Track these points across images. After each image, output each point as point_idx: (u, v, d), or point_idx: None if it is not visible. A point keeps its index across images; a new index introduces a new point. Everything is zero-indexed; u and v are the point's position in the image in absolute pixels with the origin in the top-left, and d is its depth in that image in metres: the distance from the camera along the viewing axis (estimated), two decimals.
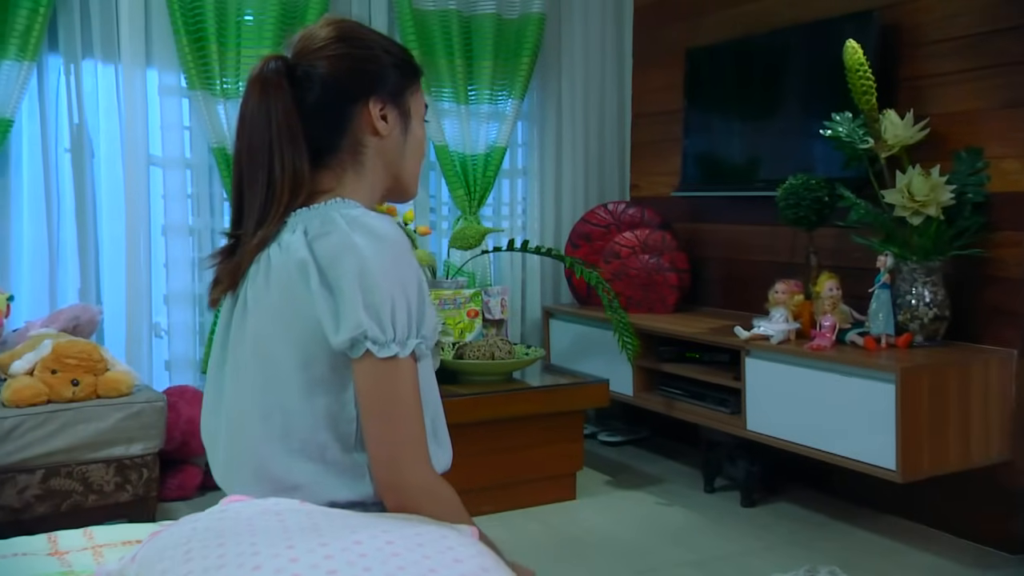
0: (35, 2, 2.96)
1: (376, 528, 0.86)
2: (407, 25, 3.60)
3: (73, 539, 1.22)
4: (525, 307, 4.07)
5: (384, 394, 1.06)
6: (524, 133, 4.08)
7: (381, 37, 1.24)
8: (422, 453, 1.08)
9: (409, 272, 1.08)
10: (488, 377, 3.01)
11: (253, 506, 0.94)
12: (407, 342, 1.07)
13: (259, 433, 1.10)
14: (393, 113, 1.20)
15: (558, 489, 3.08)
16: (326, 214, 1.11)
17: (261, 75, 1.15)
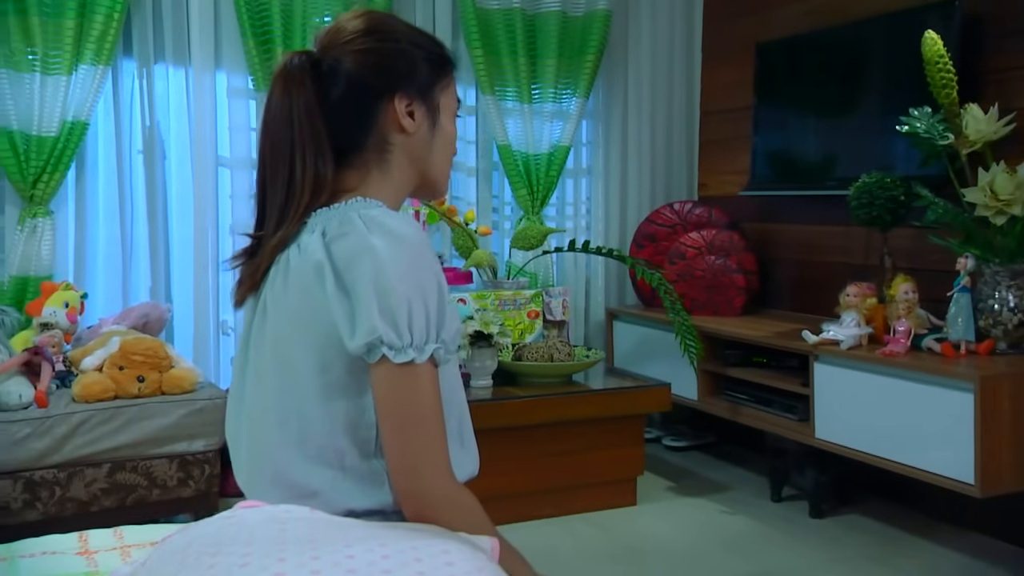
0: (110, 8, 3.04)
1: (374, 541, 0.83)
2: (471, 24, 3.58)
3: (103, 538, 1.23)
4: (589, 308, 4.01)
5: (401, 400, 1.03)
6: (589, 132, 4.03)
7: (412, 30, 1.20)
8: (442, 461, 1.04)
9: (428, 275, 1.05)
10: (547, 379, 2.97)
11: (261, 513, 0.93)
12: (425, 347, 1.03)
13: (276, 438, 1.08)
14: (421, 109, 1.17)
15: (618, 494, 3.02)
16: (345, 214, 1.09)
17: (284, 71, 1.13)
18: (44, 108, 3.00)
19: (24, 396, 2.47)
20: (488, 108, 3.65)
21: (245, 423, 1.13)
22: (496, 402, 2.80)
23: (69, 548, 1.20)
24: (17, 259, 3.01)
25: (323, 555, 0.80)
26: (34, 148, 2.99)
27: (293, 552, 0.80)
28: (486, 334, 2.80)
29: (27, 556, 1.16)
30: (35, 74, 3.00)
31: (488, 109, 3.66)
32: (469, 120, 3.76)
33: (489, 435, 2.77)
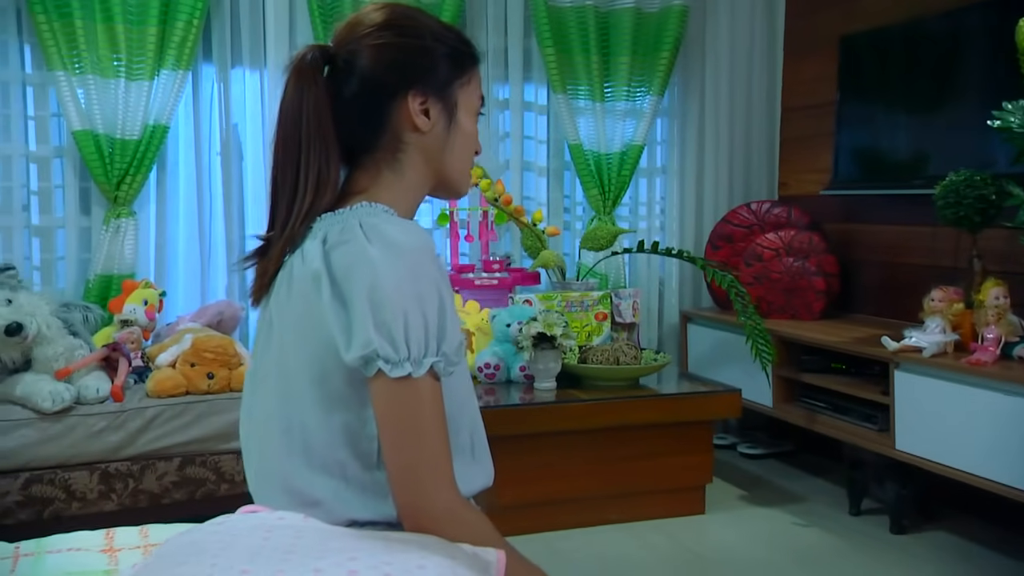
0: (190, 15, 3.13)
1: (345, 555, 0.81)
2: (542, 23, 3.55)
3: (128, 537, 1.25)
4: (663, 311, 3.93)
5: (399, 415, 1.00)
6: (663, 130, 3.94)
7: (435, 23, 1.16)
8: (443, 476, 1.01)
9: (427, 285, 1.01)
10: (612, 382, 2.91)
11: (251, 520, 0.92)
12: (423, 360, 1.00)
13: (281, 447, 1.07)
14: (437, 107, 1.13)
15: (686, 502, 2.95)
16: (346, 221, 1.05)
17: (297, 66, 1.10)
18: (128, 112, 3.11)
19: (101, 390, 2.56)
20: (559, 107, 3.62)
21: (254, 431, 1.12)
22: (559, 404, 2.76)
23: (95, 545, 1.22)
24: (102, 258, 3.13)
25: (289, 569, 0.78)
26: (118, 151, 3.11)
27: (261, 563, 0.79)
28: (549, 336, 2.76)
29: (54, 552, 1.19)
30: (120, 80, 3.11)
31: (559, 108, 3.62)
32: (540, 119, 3.73)
33: (552, 438, 2.76)
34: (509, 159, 3.65)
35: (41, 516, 2.47)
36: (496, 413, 2.71)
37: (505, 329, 2.94)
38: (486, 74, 3.60)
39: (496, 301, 3.22)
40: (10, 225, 3.10)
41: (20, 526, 2.41)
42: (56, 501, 2.49)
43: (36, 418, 2.48)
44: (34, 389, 2.48)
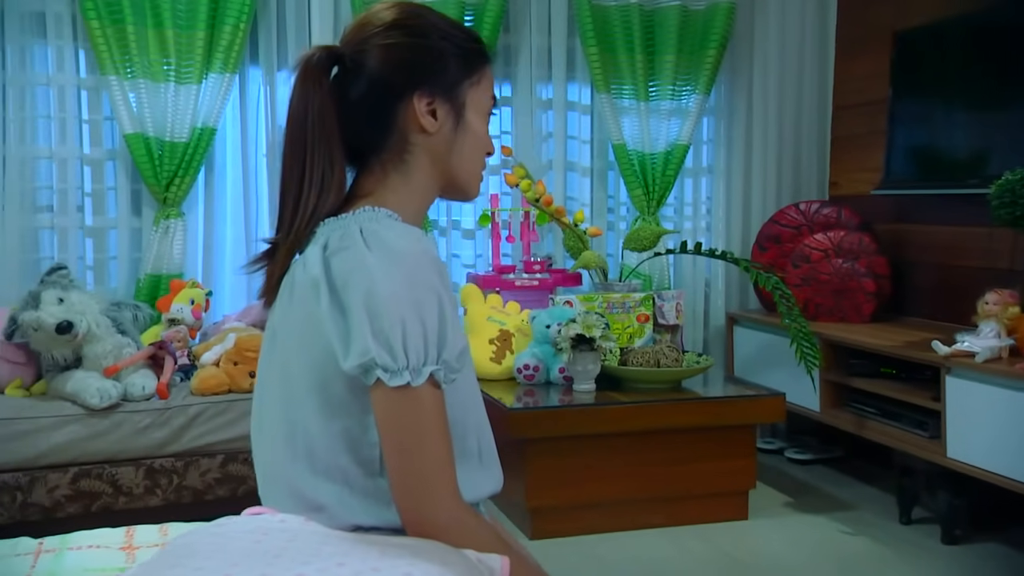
0: (237, 19, 3.19)
1: (332, 560, 0.81)
2: (586, 22, 3.53)
3: (148, 534, 1.27)
4: (708, 313, 3.87)
5: (400, 424, 0.99)
6: (710, 129, 3.89)
7: (446, 22, 1.14)
8: (445, 485, 1.00)
9: (426, 292, 0.99)
10: (653, 385, 2.88)
11: (251, 522, 0.92)
12: (422, 369, 0.98)
13: (286, 452, 1.06)
14: (444, 107, 1.11)
15: (728, 507, 2.90)
16: (347, 227, 1.04)
17: (303, 68, 1.09)
18: (176, 115, 3.18)
19: (147, 388, 2.62)
20: (603, 107, 3.59)
21: (262, 433, 1.12)
22: (598, 407, 2.74)
23: (115, 543, 1.24)
24: (152, 258, 3.20)
25: (274, 573, 0.78)
26: (167, 153, 3.18)
27: (247, 566, 0.79)
28: (588, 337, 2.74)
29: (75, 548, 1.22)
30: (169, 83, 3.18)
31: (603, 108, 3.59)
32: (584, 119, 3.70)
33: (591, 440, 2.74)
34: (552, 159, 3.63)
35: (90, 510, 2.54)
36: (534, 415, 2.70)
37: (545, 330, 2.92)
38: (528, 73, 3.59)
39: (537, 302, 3.21)
40: (65, 226, 3.19)
41: (69, 519, 2.48)
42: (104, 495, 2.55)
43: (85, 414, 2.54)
44: (83, 386, 2.54)
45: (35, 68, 3.14)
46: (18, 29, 3.08)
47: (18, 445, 2.48)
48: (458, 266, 3.61)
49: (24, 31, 3.10)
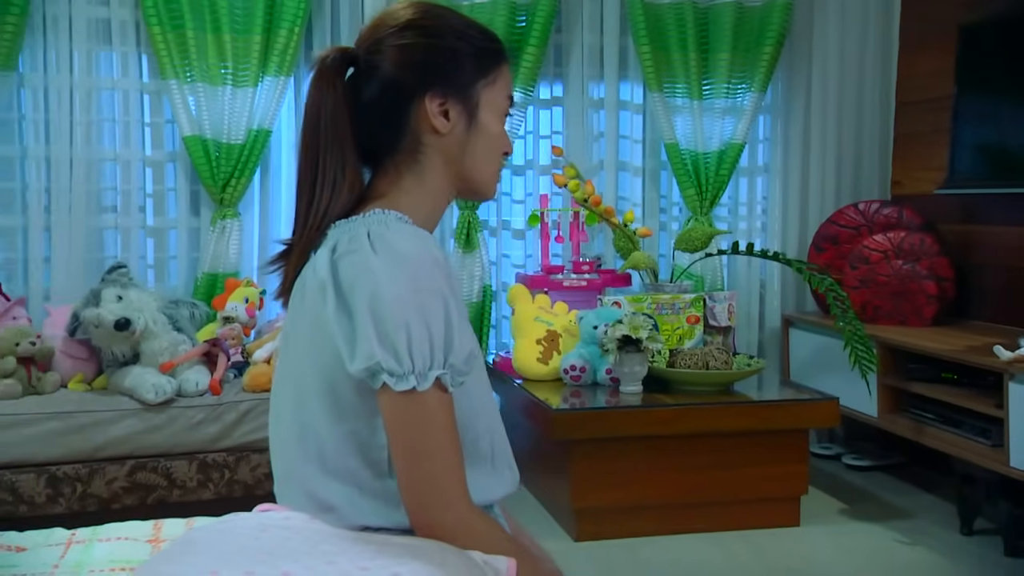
0: (291, 23, 3.24)
1: (322, 559, 0.81)
2: (638, 20, 3.49)
3: (175, 528, 1.29)
4: (763, 315, 3.80)
5: (408, 429, 0.99)
6: (766, 128, 3.82)
7: (462, 21, 1.13)
8: (453, 489, 1.00)
9: (431, 297, 0.99)
10: (701, 388, 2.83)
11: (255, 519, 0.94)
12: (428, 373, 0.98)
13: (298, 453, 1.07)
14: (457, 108, 1.10)
15: (779, 513, 2.84)
16: (356, 230, 1.04)
17: (318, 69, 1.09)
18: (233, 117, 3.25)
19: (200, 384, 2.69)
20: (655, 106, 3.55)
21: (278, 433, 1.13)
22: (643, 409, 2.71)
23: (143, 535, 1.27)
24: (209, 257, 3.28)
25: (260, 570, 0.79)
26: (224, 155, 3.25)
27: (236, 563, 0.80)
28: (634, 339, 2.72)
29: (104, 540, 1.25)
30: (226, 86, 3.25)
31: (655, 107, 3.56)
32: (636, 118, 3.67)
33: (637, 442, 2.71)
34: (603, 159, 3.61)
35: (145, 502, 2.61)
36: (578, 416, 2.69)
37: (592, 331, 2.91)
38: (580, 72, 3.58)
39: (585, 303, 3.19)
40: (128, 226, 3.29)
41: (126, 510, 2.56)
42: (159, 488, 2.63)
43: (141, 409, 2.62)
44: (140, 381, 2.62)
45: (101, 73, 3.25)
46: (85, 35, 3.19)
47: (78, 438, 2.57)
48: (508, 266, 3.61)
49: (91, 37, 3.21)
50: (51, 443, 2.55)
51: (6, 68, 3.06)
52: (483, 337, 3.42)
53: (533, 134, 3.61)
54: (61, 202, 3.18)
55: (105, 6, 3.21)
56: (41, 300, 3.15)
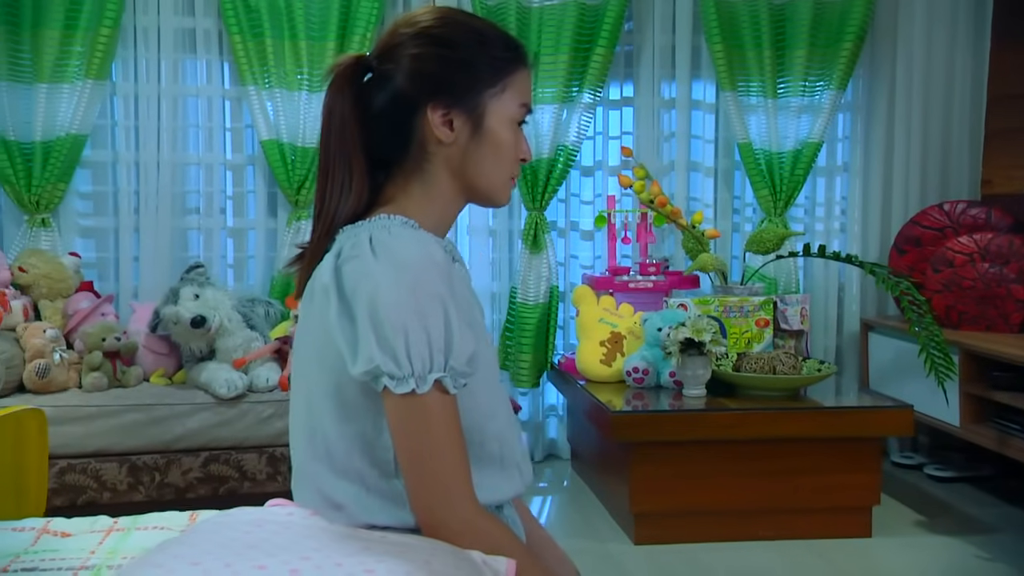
0: (364, 29, 3.32)
1: (298, 554, 0.83)
2: (711, 18, 3.44)
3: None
4: (842, 319, 3.69)
5: (410, 431, 1.01)
6: (846, 126, 3.70)
7: (474, 30, 1.12)
8: (458, 490, 1.01)
9: (430, 301, 1.00)
10: (768, 392, 2.78)
11: (255, 514, 0.97)
12: (427, 377, 0.99)
13: (308, 453, 1.10)
14: (461, 118, 1.10)
15: (849, 523, 2.75)
16: (359, 235, 1.06)
17: (333, 77, 1.11)
18: (308, 122, 3.35)
19: (271, 380, 2.78)
20: (728, 105, 3.49)
21: (293, 432, 1.16)
22: (704, 413, 2.67)
23: (178, 525, 1.33)
24: (285, 257, 3.39)
25: (238, 563, 0.82)
26: (299, 158, 3.35)
27: (216, 556, 0.83)
28: (697, 341, 2.68)
29: (143, 528, 1.32)
30: (302, 92, 3.35)
31: (728, 106, 3.49)
32: (708, 118, 3.62)
33: (698, 447, 2.68)
34: (674, 160, 3.57)
35: (217, 492, 2.73)
36: (639, 418, 2.67)
37: (656, 333, 2.88)
38: (650, 73, 3.55)
39: (651, 304, 3.17)
40: (210, 227, 3.43)
41: (199, 500, 2.67)
42: (231, 480, 2.74)
43: (214, 403, 2.73)
44: (214, 376, 2.73)
45: (186, 81, 3.40)
46: (172, 45, 3.34)
47: (157, 429, 2.70)
48: (576, 267, 3.61)
49: (177, 47, 3.35)
50: (132, 434, 2.69)
51: (100, 78, 3.23)
52: (550, 338, 3.43)
53: (602, 135, 3.60)
54: (149, 204, 3.34)
55: (191, 16, 3.36)
56: (130, 297, 3.31)
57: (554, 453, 3.64)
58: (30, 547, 1.16)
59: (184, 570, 0.82)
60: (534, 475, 3.31)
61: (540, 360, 3.43)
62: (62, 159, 3.20)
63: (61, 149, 3.20)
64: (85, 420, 2.68)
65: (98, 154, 3.36)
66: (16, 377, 2.73)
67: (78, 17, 3.17)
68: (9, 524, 1.21)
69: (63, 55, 3.18)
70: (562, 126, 3.42)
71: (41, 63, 3.18)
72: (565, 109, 3.41)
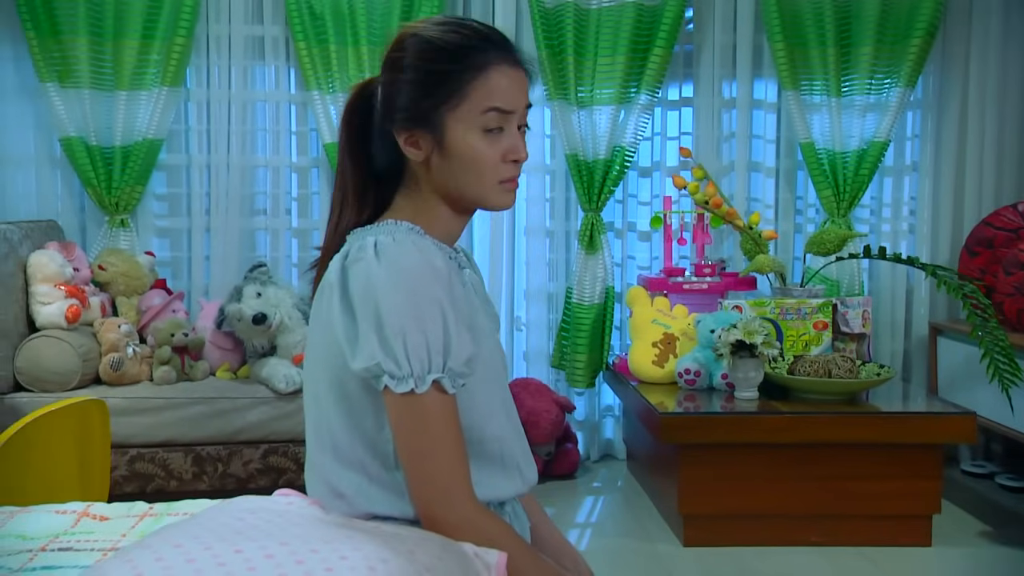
0: None
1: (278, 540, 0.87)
2: (772, 16, 3.39)
3: None
4: (910, 322, 3.59)
5: (409, 428, 1.06)
6: (915, 124, 3.60)
7: (427, 48, 1.12)
8: (455, 486, 1.05)
9: (428, 306, 1.05)
10: (823, 396, 2.73)
11: (253, 502, 1.03)
12: (426, 377, 1.04)
13: (315, 443, 1.16)
14: (425, 138, 1.13)
15: (907, 531, 2.68)
16: (364, 238, 1.11)
17: (347, 99, 1.20)
18: None
19: None
20: (790, 104, 3.43)
21: (306, 424, 1.23)
22: (754, 416, 2.64)
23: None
24: None
25: (218, 546, 0.87)
26: None
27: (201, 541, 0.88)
28: (748, 343, 2.65)
29: (174, 515, 1.39)
30: None
31: (790, 105, 3.44)
32: (769, 117, 3.56)
33: (749, 450, 2.65)
34: (734, 160, 3.53)
35: (276, 483, 2.83)
36: (686, 420, 2.66)
37: (709, 335, 2.86)
38: (711, 72, 3.52)
39: (708, 306, 3.15)
40: (277, 227, 3.54)
41: (259, 491, 2.77)
42: (288, 471, 2.83)
43: (274, 397, 2.83)
44: (274, 372, 2.83)
45: (255, 86, 3.52)
46: (242, 52, 3.47)
47: (220, 421, 2.82)
48: (633, 268, 3.61)
49: (246, 54, 3.48)
50: (197, 425, 2.81)
51: (175, 84, 3.38)
52: (605, 339, 3.44)
53: (660, 135, 3.58)
54: (220, 205, 3.48)
55: (260, 24, 3.48)
56: (201, 295, 3.46)
57: (610, 453, 3.64)
58: (70, 528, 1.25)
59: (167, 551, 0.88)
60: (591, 475, 3.36)
61: (595, 360, 3.44)
62: (140, 163, 3.36)
63: (139, 153, 3.35)
64: (154, 411, 2.81)
65: (173, 157, 3.51)
66: (92, 370, 2.88)
67: (155, 27, 3.32)
68: (53, 507, 1.30)
69: (141, 63, 3.34)
70: (619, 127, 3.42)
71: (121, 71, 3.34)
72: (623, 110, 3.41)
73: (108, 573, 0.87)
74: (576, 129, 3.40)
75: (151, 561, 0.87)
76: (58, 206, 3.47)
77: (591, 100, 3.40)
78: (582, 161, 3.41)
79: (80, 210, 3.51)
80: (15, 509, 1.30)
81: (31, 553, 1.16)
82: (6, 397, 2.79)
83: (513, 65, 1.14)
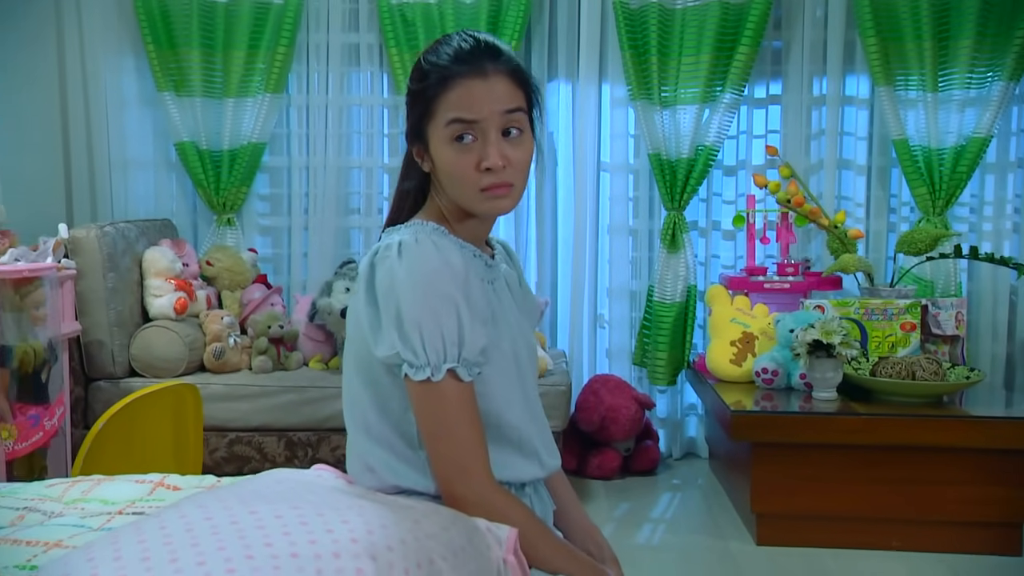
0: (510, 36, 3.47)
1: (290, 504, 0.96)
2: (864, 12, 3.31)
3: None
4: (1014, 325, 3.44)
5: (428, 413, 1.15)
6: (1020, 120, 3.44)
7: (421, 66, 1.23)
8: (472, 467, 1.14)
9: (443, 302, 1.14)
10: (906, 398, 2.66)
11: (285, 474, 1.15)
12: (442, 366, 1.13)
13: (351, 422, 1.27)
14: (424, 151, 1.24)
15: (992, 539, 2.59)
16: (392, 237, 1.20)
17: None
18: None
19: None
20: (882, 100, 3.35)
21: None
22: (828, 416, 2.61)
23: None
24: None
25: (236, 506, 0.96)
26: None
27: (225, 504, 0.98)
28: (826, 344, 2.62)
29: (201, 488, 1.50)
30: None
31: (882, 101, 3.35)
32: (861, 114, 3.48)
33: (825, 451, 2.63)
34: (823, 158, 3.47)
35: None
36: (758, 419, 2.65)
37: (788, 334, 2.84)
38: (800, 69, 3.46)
39: (789, 305, 3.11)
40: (369, 226, 3.70)
41: None
42: None
43: None
44: None
45: (351, 91, 3.69)
46: (339, 59, 3.64)
47: (310, 409, 2.98)
48: (717, 267, 3.59)
49: (343, 61, 3.66)
50: (290, 412, 2.99)
51: (277, 91, 3.58)
52: (687, 337, 3.44)
53: (746, 134, 3.55)
54: (318, 205, 3.66)
55: (355, 32, 3.65)
56: (300, 290, 3.65)
57: (693, 452, 3.64)
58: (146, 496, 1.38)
59: (190, 510, 0.99)
60: (672, 472, 3.38)
61: (677, 358, 3.45)
62: (245, 165, 3.58)
63: (244, 156, 3.57)
64: (251, 398, 3.00)
65: (275, 160, 3.72)
66: (198, 358, 3.10)
67: (260, 38, 3.53)
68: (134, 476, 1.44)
69: (247, 72, 3.55)
70: (702, 126, 3.41)
71: (230, 80, 3.56)
72: (707, 109, 3.41)
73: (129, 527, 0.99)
74: (659, 129, 3.42)
75: (175, 519, 0.98)
76: (173, 206, 3.74)
77: (675, 100, 3.41)
78: (664, 160, 3.42)
79: (192, 210, 3.77)
80: (101, 477, 1.45)
81: (109, 516, 1.30)
82: (121, 381, 3.03)
83: (481, 75, 1.17)
